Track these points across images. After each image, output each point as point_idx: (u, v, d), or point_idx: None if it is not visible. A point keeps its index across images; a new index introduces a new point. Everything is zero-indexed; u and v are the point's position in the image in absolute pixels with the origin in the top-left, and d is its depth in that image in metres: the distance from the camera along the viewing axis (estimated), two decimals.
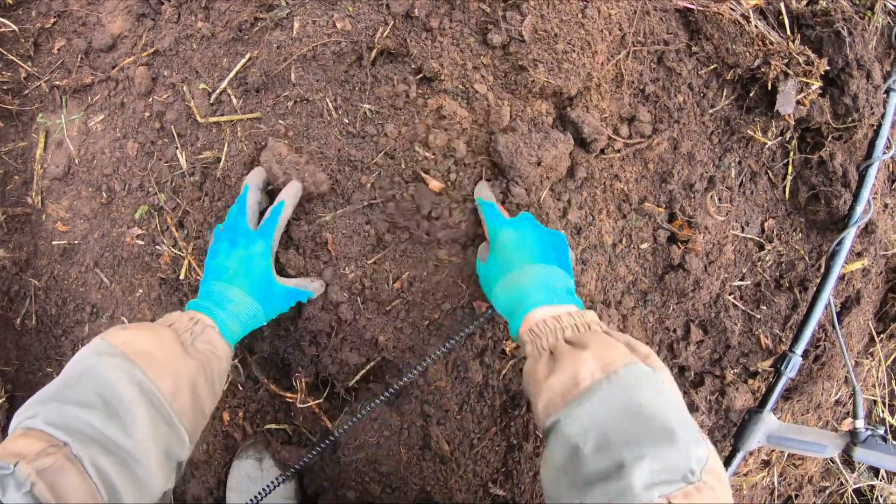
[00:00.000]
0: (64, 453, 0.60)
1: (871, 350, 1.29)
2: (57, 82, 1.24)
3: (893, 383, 1.31)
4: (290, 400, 1.08)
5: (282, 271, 1.03)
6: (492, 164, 1.00)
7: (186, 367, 0.75)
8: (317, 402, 1.05)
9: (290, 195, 0.96)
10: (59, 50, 1.26)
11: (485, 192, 0.94)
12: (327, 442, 0.99)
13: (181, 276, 1.15)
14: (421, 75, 0.98)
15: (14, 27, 1.22)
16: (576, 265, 1.05)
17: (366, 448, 1.06)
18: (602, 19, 0.96)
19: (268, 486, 0.99)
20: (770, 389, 1.12)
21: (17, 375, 1.22)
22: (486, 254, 0.89)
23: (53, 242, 1.21)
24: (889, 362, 1.30)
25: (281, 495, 1.12)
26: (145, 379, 0.69)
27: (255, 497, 0.97)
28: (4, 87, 1.23)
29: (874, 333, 1.27)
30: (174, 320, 0.83)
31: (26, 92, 1.26)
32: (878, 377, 1.31)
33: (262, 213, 0.98)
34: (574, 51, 0.95)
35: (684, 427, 0.59)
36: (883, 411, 1.31)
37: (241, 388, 1.16)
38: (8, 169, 1.23)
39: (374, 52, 0.98)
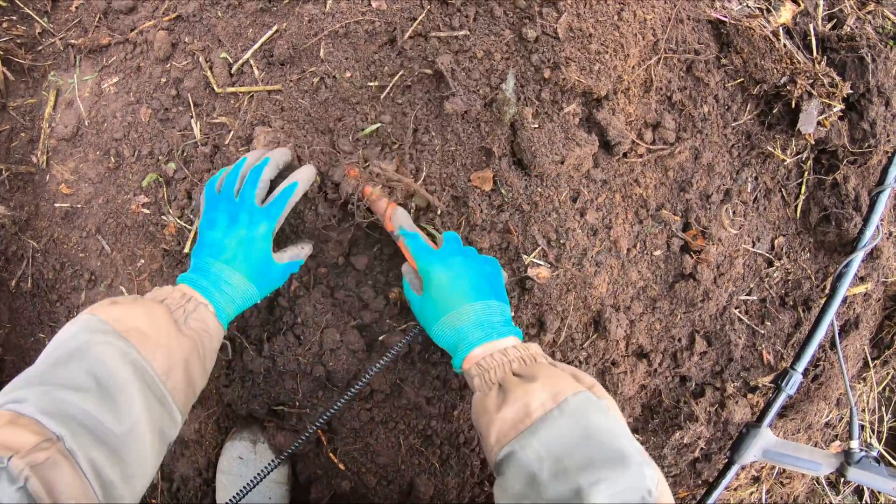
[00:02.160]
0: (58, 448, 0.57)
1: (863, 375, 1.29)
2: (72, 41, 1.19)
3: (883, 409, 1.32)
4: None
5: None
6: (514, 160, 0.98)
7: (179, 346, 0.73)
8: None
9: (304, 178, 0.88)
10: (76, 8, 1.21)
11: (406, 221, 0.88)
12: (308, 434, 0.95)
13: (186, 250, 1.11)
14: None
15: None
16: (589, 267, 1.03)
17: (364, 437, 1.03)
18: (637, 23, 0.94)
19: (262, 471, 0.95)
20: (769, 405, 1.11)
21: (9, 339, 1.17)
22: (417, 282, 0.86)
23: (56, 204, 1.16)
24: (880, 388, 1.30)
25: (272, 479, 1.08)
26: (139, 358, 0.67)
27: (248, 484, 0.93)
28: (18, 41, 1.18)
29: (869, 359, 1.27)
30: (165, 296, 0.79)
31: (40, 48, 1.20)
32: (867, 402, 1.31)
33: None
34: (607, 52, 0.93)
35: (635, 449, 0.61)
36: (870, 436, 1.32)
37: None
38: (15, 125, 1.18)
39: (406, 35, 0.95)
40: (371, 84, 0.99)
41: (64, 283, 1.16)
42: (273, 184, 0.89)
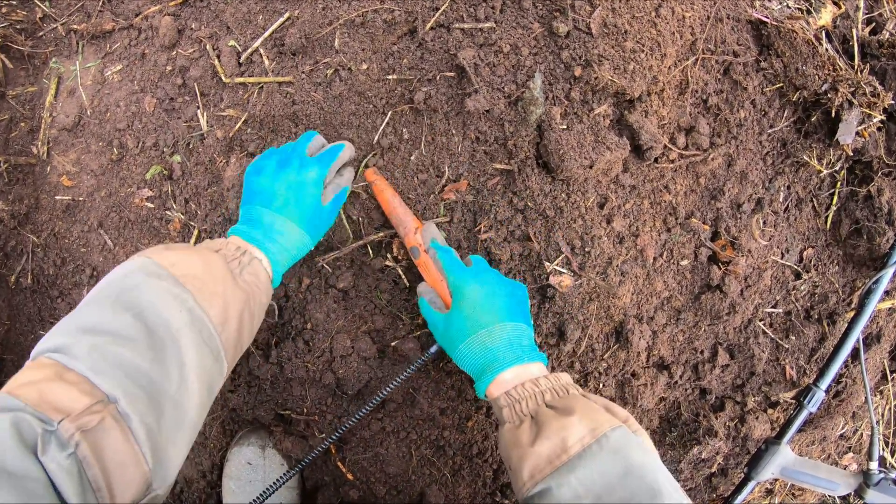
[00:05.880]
0: (110, 411, 0.51)
1: (881, 388, 1.21)
2: (74, 26, 1.08)
3: None
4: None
5: None
6: (539, 163, 0.89)
7: (235, 298, 0.66)
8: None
9: (350, 147, 0.85)
10: None
11: (439, 236, 0.83)
12: (324, 445, 0.88)
13: None
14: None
15: None
16: (614, 276, 0.94)
17: (374, 447, 0.95)
18: (675, 21, 0.84)
19: (273, 483, 0.87)
20: (790, 421, 1.03)
21: (8, 337, 1.08)
22: (439, 301, 0.80)
23: (56, 197, 1.06)
24: None
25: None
26: (195, 306, 0.61)
27: (265, 492, 0.85)
28: (18, 27, 1.07)
29: (888, 371, 1.19)
30: (220, 246, 0.72)
31: (41, 33, 1.10)
32: (883, 415, 1.23)
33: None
34: (643, 51, 0.83)
35: (674, 487, 0.58)
36: (884, 449, 1.24)
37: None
38: (14, 114, 1.08)
39: (428, 26, 0.85)
40: (389, 77, 0.89)
41: (65, 279, 1.07)
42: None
